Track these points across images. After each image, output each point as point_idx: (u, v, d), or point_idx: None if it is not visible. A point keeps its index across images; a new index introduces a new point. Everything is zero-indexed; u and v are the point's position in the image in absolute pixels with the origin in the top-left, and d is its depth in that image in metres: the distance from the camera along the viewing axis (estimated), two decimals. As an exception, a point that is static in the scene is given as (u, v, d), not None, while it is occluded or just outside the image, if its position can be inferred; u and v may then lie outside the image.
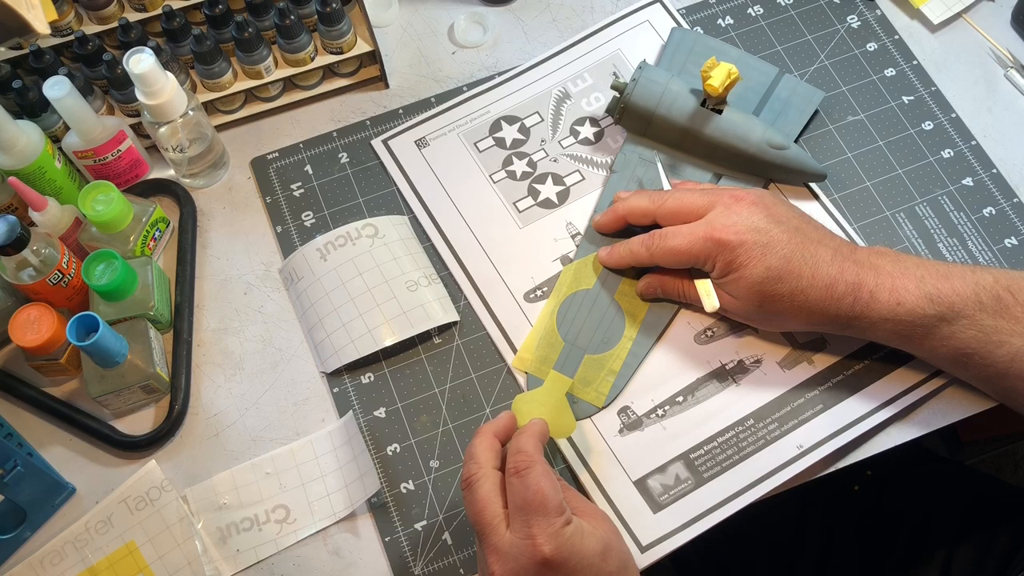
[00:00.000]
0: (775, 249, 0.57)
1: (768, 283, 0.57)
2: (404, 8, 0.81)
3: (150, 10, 0.70)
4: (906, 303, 0.56)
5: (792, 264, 0.57)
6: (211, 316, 0.69)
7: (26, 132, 0.64)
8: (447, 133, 0.74)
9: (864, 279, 0.57)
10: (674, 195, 0.62)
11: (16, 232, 0.59)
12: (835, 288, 0.57)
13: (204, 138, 0.69)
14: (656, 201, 0.62)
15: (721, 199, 0.59)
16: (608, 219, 0.66)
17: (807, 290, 0.57)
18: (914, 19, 0.78)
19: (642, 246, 0.62)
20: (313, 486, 0.63)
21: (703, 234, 0.58)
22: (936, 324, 0.56)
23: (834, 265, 0.57)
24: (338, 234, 0.69)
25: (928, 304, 0.56)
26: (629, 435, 0.63)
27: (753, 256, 0.57)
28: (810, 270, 0.57)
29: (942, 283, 0.56)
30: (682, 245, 0.59)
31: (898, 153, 0.72)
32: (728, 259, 0.58)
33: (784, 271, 0.57)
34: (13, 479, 0.59)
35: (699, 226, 0.59)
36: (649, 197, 0.63)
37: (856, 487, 0.79)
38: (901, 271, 0.57)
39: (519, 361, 0.66)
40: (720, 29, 0.78)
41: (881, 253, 0.58)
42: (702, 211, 0.60)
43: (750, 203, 0.59)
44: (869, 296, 0.56)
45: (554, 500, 0.50)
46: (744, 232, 0.57)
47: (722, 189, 0.62)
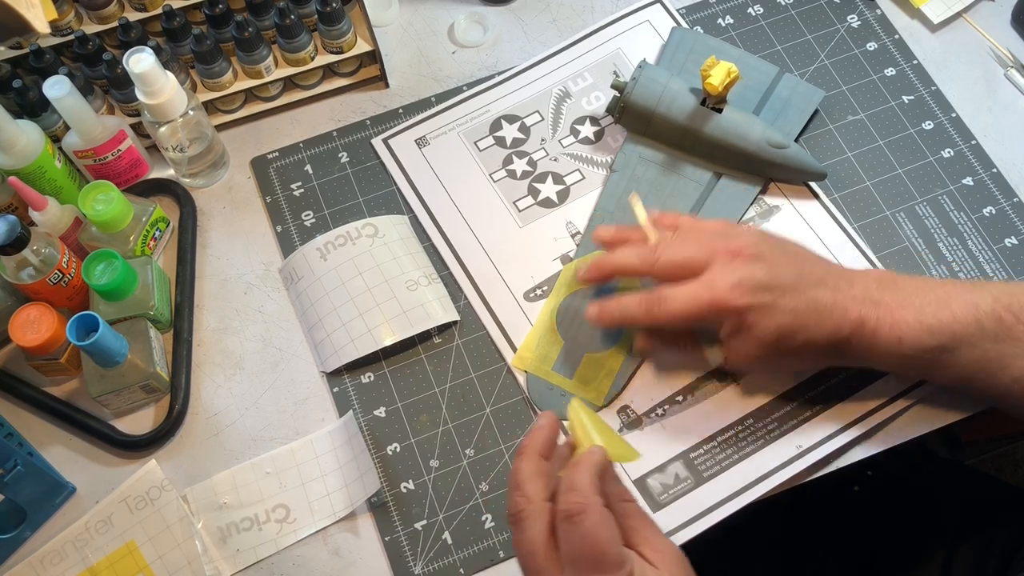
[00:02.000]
0: (782, 307, 0.55)
1: (781, 341, 0.55)
2: (404, 8, 0.81)
3: (150, 10, 0.70)
4: (907, 338, 0.54)
5: (799, 318, 0.55)
6: (211, 316, 0.69)
7: (26, 132, 0.64)
8: (447, 132, 0.74)
9: (865, 316, 0.55)
10: (667, 251, 0.58)
11: (16, 232, 0.59)
12: (840, 331, 0.55)
13: (204, 138, 0.69)
14: (648, 260, 0.58)
15: (718, 254, 0.56)
16: (594, 275, 0.61)
17: (816, 339, 0.55)
18: (914, 19, 0.78)
19: (639, 308, 0.58)
20: (313, 486, 0.63)
21: (708, 300, 0.55)
22: (939, 355, 0.55)
23: (836, 308, 0.55)
24: (338, 234, 0.69)
25: (928, 336, 0.54)
26: (629, 434, 0.63)
27: (762, 318, 0.55)
28: (816, 318, 0.55)
29: (942, 312, 0.54)
30: (686, 311, 0.56)
31: (898, 153, 0.72)
32: (736, 323, 0.56)
33: (794, 326, 0.55)
34: (13, 479, 0.59)
35: (701, 289, 0.55)
36: (639, 254, 0.59)
37: (856, 488, 0.79)
38: (900, 302, 0.55)
39: (519, 360, 0.66)
40: (720, 29, 0.78)
41: (880, 281, 0.57)
42: (699, 267, 0.56)
43: (749, 257, 0.56)
44: (872, 334, 0.55)
45: (612, 552, 0.45)
46: (749, 293, 0.55)
47: (715, 237, 0.58)
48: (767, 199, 0.70)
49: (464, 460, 0.63)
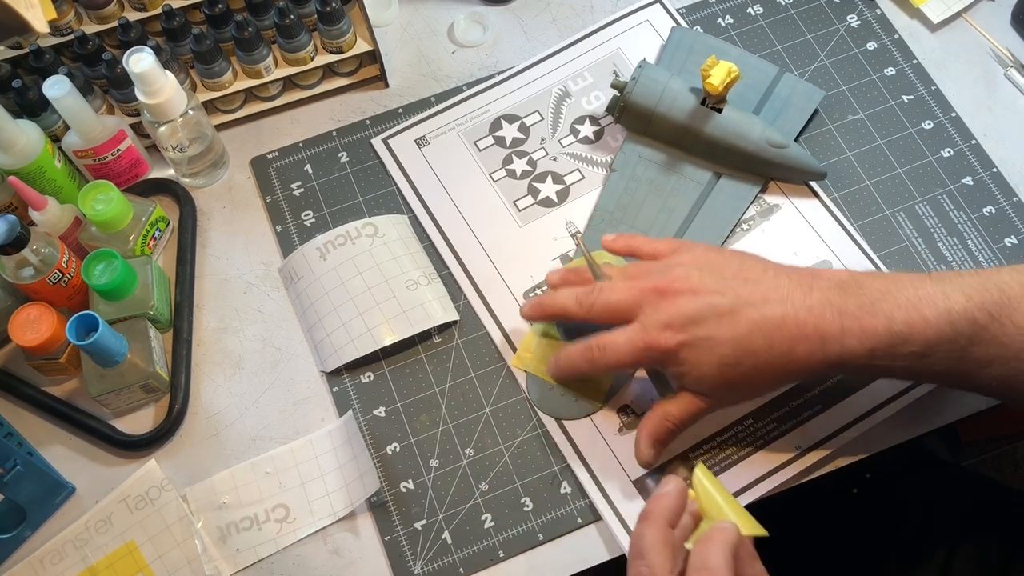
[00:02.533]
0: (719, 337, 0.52)
1: (726, 371, 0.53)
2: (404, 7, 0.81)
3: (150, 9, 0.70)
4: (879, 349, 0.51)
5: (743, 344, 0.52)
6: (211, 315, 0.69)
7: (26, 131, 0.64)
8: (447, 132, 0.74)
9: (828, 329, 0.51)
10: (600, 296, 0.56)
11: (16, 231, 0.59)
12: (796, 349, 0.52)
13: (204, 137, 0.69)
14: (584, 305, 0.57)
15: (646, 296, 0.55)
16: (536, 313, 0.61)
17: (769, 361, 0.52)
18: (914, 18, 0.78)
19: (583, 359, 0.57)
20: (313, 485, 0.63)
21: (642, 344, 0.54)
22: (913, 362, 0.52)
23: (787, 324, 0.52)
24: (338, 233, 0.69)
25: (901, 345, 0.51)
26: (629, 434, 0.63)
27: (700, 353, 0.53)
28: (764, 341, 0.52)
29: (913, 316, 0.51)
30: (625, 359, 0.55)
31: (898, 152, 0.72)
32: (676, 363, 0.54)
33: (737, 354, 0.52)
34: (13, 478, 0.59)
35: (635, 333, 0.54)
36: (576, 298, 0.58)
37: (855, 490, 0.79)
38: (867, 309, 0.51)
39: (518, 360, 0.66)
40: (720, 28, 0.78)
41: (841, 285, 0.53)
42: (631, 313, 0.55)
43: (677, 292, 0.54)
44: (839, 347, 0.51)
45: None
46: (682, 330, 0.53)
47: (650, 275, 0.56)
48: (767, 198, 0.70)
49: (464, 460, 0.63)
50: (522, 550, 0.61)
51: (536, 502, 0.62)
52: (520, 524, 0.61)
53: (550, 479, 0.62)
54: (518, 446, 0.63)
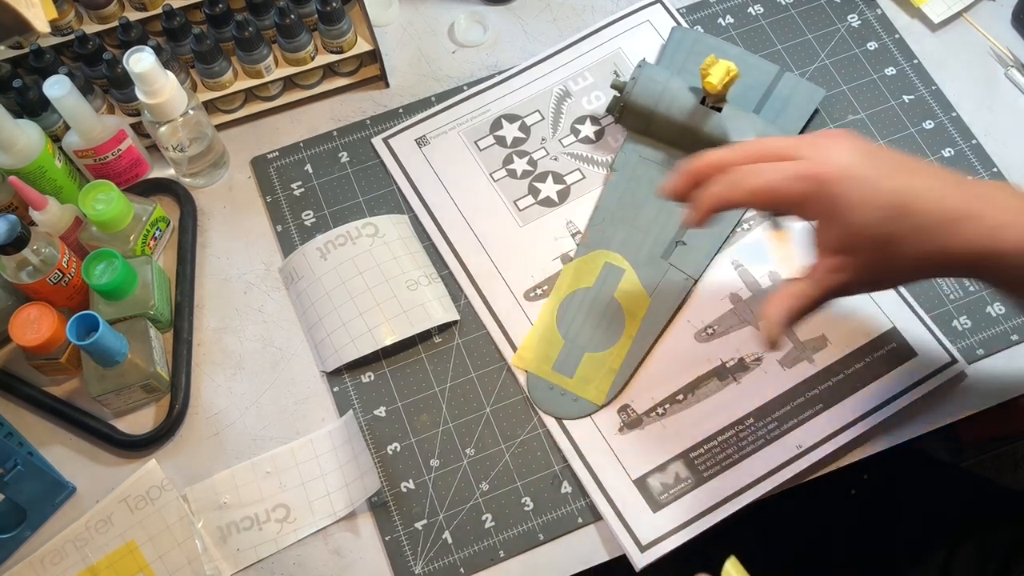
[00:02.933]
0: (885, 183, 0.47)
1: (885, 224, 0.47)
2: (404, 7, 0.80)
3: (150, 9, 0.70)
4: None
5: (907, 197, 0.47)
6: (211, 315, 0.69)
7: (26, 131, 0.64)
8: (447, 131, 0.74)
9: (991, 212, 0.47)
10: (755, 140, 0.52)
11: (16, 231, 0.59)
12: (957, 224, 0.47)
13: (204, 137, 0.69)
14: (736, 148, 0.52)
15: (808, 138, 0.51)
16: (680, 181, 0.54)
17: (932, 228, 0.47)
18: (914, 18, 0.78)
19: (726, 183, 0.51)
20: (313, 485, 0.63)
21: (796, 170, 0.48)
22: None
23: (950, 196, 0.47)
24: (338, 233, 0.69)
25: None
26: (629, 433, 0.63)
27: (863, 192, 0.47)
28: (923, 204, 0.47)
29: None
30: (772, 182, 0.49)
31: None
32: (830, 197, 0.48)
33: (901, 208, 0.47)
34: (13, 478, 0.59)
35: (790, 164, 0.49)
36: (731, 151, 0.52)
37: (853, 491, 0.79)
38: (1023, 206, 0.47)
39: (519, 360, 0.66)
40: (720, 28, 0.78)
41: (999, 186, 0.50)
42: (789, 152, 0.50)
43: (844, 137, 0.50)
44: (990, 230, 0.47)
45: None
46: (846, 166, 0.48)
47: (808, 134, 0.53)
48: (767, 199, 0.70)
49: (464, 460, 0.63)
50: (522, 550, 0.61)
51: (537, 502, 0.62)
52: (521, 524, 0.61)
53: (550, 479, 0.62)
54: (518, 446, 0.63)
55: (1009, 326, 0.66)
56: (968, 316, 0.66)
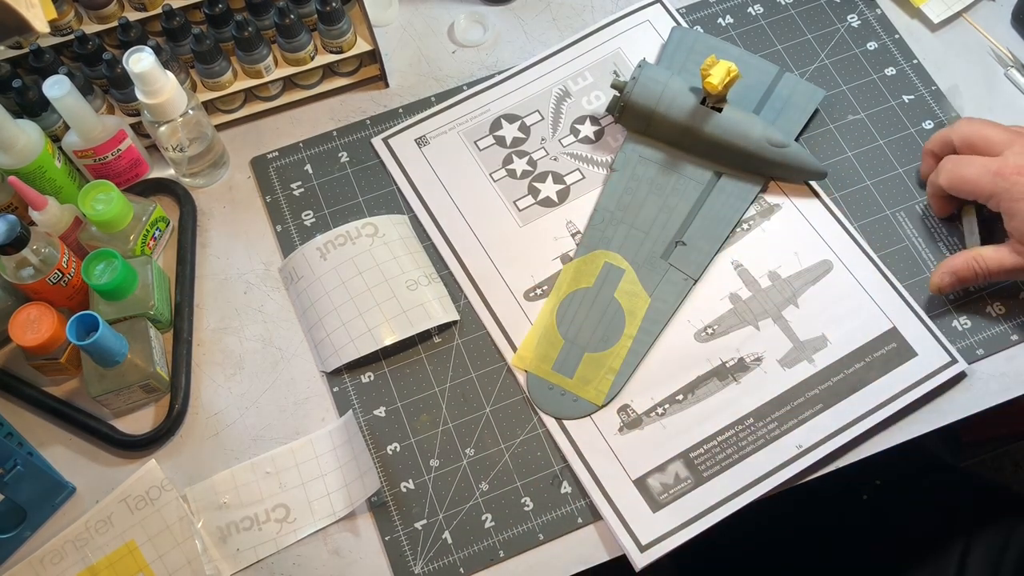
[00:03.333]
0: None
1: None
2: (404, 7, 0.80)
3: (150, 9, 0.70)
4: None
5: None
6: (211, 315, 0.69)
7: (26, 131, 0.64)
8: (447, 131, 0.74)
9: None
10: (973, 123, 0.62)
11: (16, 231, 0.59)
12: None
13: (204, 137, 0.69)
14: (955, 126, 0.62)
15: (1021, 139, 0.59)
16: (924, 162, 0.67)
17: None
18: (914, 18, 0.78)
19: (941, 167, 0.62)
20: (313, 485, 0.63)
21: (994, 169, 0.58)
22: None
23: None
24: (338, 233, 0.69)
25: None
26: (629, 433, 0.63)
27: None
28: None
29: None
30: (970, 175, 0.59)
31: (898, 152, 0.72)
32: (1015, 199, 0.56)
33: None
34: (13, 478, 0.59)
35: (993, 161, 0.58)
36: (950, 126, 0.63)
37: (865, 496, 0.79)
38: None
39: (519, 360, 0.65)
40: (720, 28, 0.78)
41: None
42: (999, 147, 0.59)
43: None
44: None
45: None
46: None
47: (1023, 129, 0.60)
48: (768, 198, 0.70)
49: (464, 460, 0.63)
50: (522, 550, 0.61)
51: (536, 502, 0.62)
52: (520, 524, 0.61)
53: (550, 479, 0.62)
54: (518, 446, 0.63)
55: (1009, 326, 0.66)
56: (968, 316, 0.66)
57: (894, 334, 0.65)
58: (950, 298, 0.67)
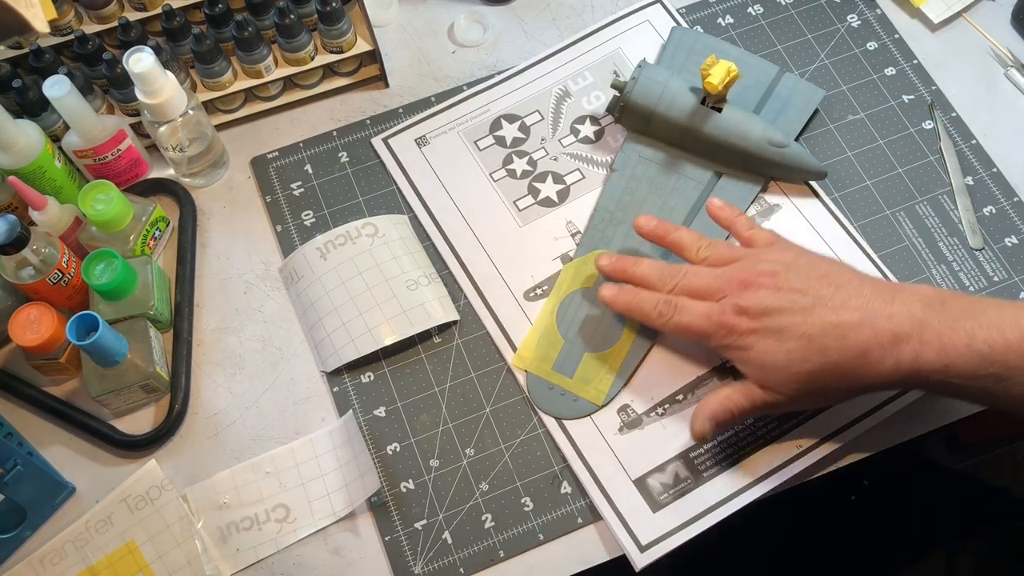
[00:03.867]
0: (792, 331, 0.54)
1: (794, 366, 0.54)
2: (404, 7, 0.80)
3: (150, 9, 0.70)
4: (956, 366, 0.51)
5: (814, 341, 0.53)
6: (211, 315, 0.69)
7: (26, 131, 0.64)
8: (447, 131, 0.74)
9: (905, 339, 0.52)
10: (684, 280, 0.59)
11: (16, 231, 0.59)
12: (869, 354, 0.52)
13: (204, 137, 0.69)
14: (668, 284, 0.60)
15: (730, 284, 0.57)
16: (612, 272, 0.63)
17: (840, 363, 0.53)
18: (914, 18, 0.78)
19: (652, 309, 0.59)
20: (313, 485, 0.63)
21: (716, 319, 0.56)
22: (991, 384, 0.51)
23: (864, 329, 0.52)
24: (338, 233, 0.69)
25: (981, 365, 0.51)
26: (629, 433, 0.63)
27: (769, 343, 0.54)
28: (836, 342, 0.53)
29: (994, 336, 0.51)
30: (694, 326, 0.57)
31: (898, 152, 0.72)
32: (742, 347, 0.55)
33: (807, 351, 0.53)
34: (13, 478, 0.59)
35: (712, 308, 0.57)
36: (660, 276, 0.60)
37: (853, 496, 0.79)
38: (949, 326, 0.51)
39: (519, 360, 0.65)
40: (720, 28, 0.78)
41: (926, 300, 0.53)
42: (714, 298, 0.57)
43: (759, 286, 0.56)
44: (913, 357, 0.52)
45: None
46: (756, 318, 0.55)
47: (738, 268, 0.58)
48: (768, 198, 0.70)
49: (464, 460, 0.63)
50: (522, 550, 0.61)
51: (536, 502, 0.62)
52: (520, 524, 0.61)
53: (550, 479, 0.62)
54: (518, 446, 0.63)
55: (1009, 326, 0.66)
56: (968, 316, 0.66)
57: (894, 334, 0.65)
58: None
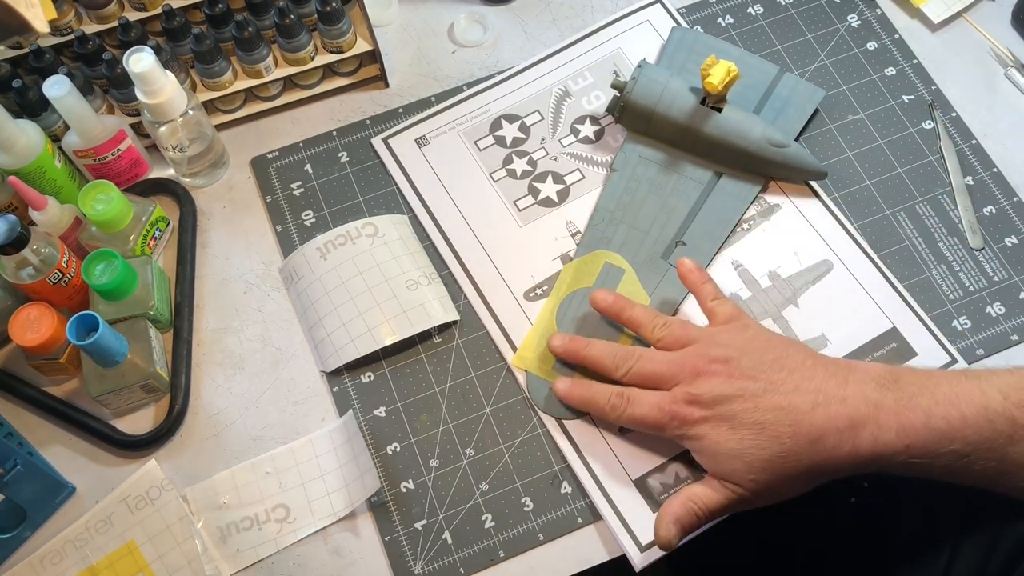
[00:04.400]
0: (744, 419, 0.53)
1: (748, 455, 0.53)
2: (404, 7, 0.80)
3: (150, 9, 0.70)
4: (916, 445, 0.51)
5: (767, 428, 0.53)
6: (211, 315, 0.69)
7: (26, 131, 0.64)
8: (447, 131, 0.74)
9: (861, 421, 0.52)
10: (637, 364, 0.59)
11: (16, 231, 0.59)
12: (825, 440, 0.52)
13: (204, 137, 0.69)
14: (620, 367, 0.59)
15: (684, 372, 0.56)
16: (564, 354, 0.63)
17: (795, 450, 0.52)
18: (914, 18, 0.78)
19: (606, 402, 0.59)
20: (313, 485, 0.63)
21: (668, 411, 0.56)
22: (952, 460, 0.51)
23: (817, 414, 0.52)
24: (338, 233, 0.69)
25: (941, 442, 0.50)
26: (629, 433, 0.63)
27: (722, 432, 0.54)
28: (789, 428, 0.52)
29: (951, 413, 0.51)
30: (647, 418, 0.57)
31: (898, 152, 0.72)
32: (696, 436, 0.55)
33: (760, 439, 0.53)
34: (13, 478, 0.59)
35: (664, 399, 0.56)
36: (614, 359, 0.60)
37: (853, 499, 0.79)
38: (905, 404, 0.51)
39: (519, 360, 0.65)
40: (720, 28, 0.78)
41: (879, 380, 0.53)
42: (664, 384, 0.57)
43: (711, 374, 0.55)
44: (872, 440, 0.51)
45: None
46: (707, 407, 0.54)
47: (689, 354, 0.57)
48: (768, 198, 0.70)
49: (464, 460, 0.63)
50: (522, 550, 0.61)
51: (536, 502, 0.62)
52: (520, 524, 0.61)
53: (550, 479, 0.62)
54: (518, 446, 0.63)
55: (1009, 326, 0.66)
56: (968, 316, 0.66)
57: (894, 334, 0.65)
58: (950, 298, 0.67)
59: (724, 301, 0.61)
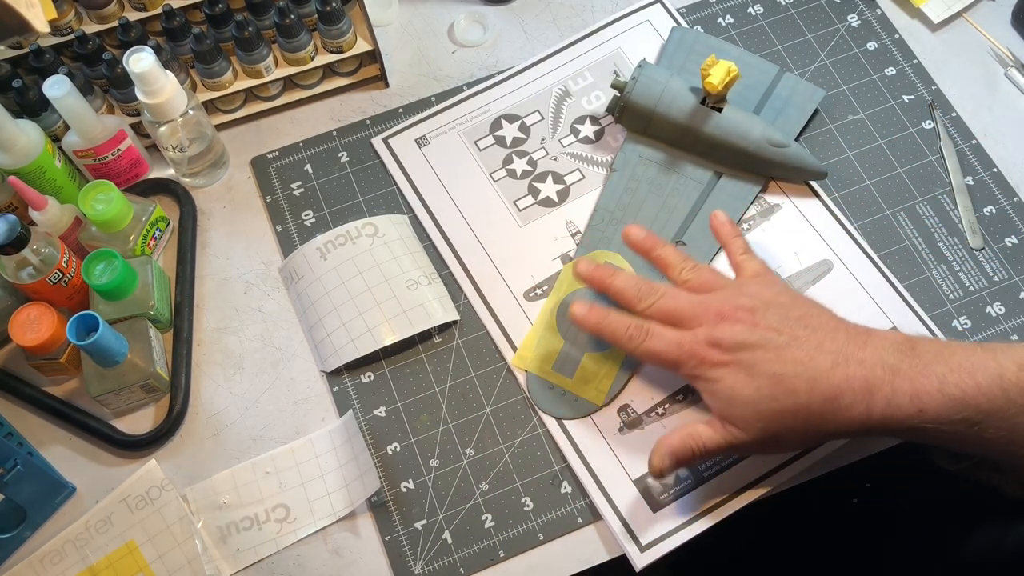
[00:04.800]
0: (763, 369, 0.53)
1: (762, 404, 0.53)
2: (404, 7, 0.81)
3: (150, 9, 0.70)
4: (929, 410, 0.51)
5: (784, 381, 0.52)
6: (211, 315, 0.69)
7: (26, 131, 0.64)
8: (447, 131, 0.74)
9: (877, 384, 0.51)
10: (661, 300, 0.58)
11: (16, 231, 0.59)
12: (840, 399, 0.52)
13: (204, 137, 0.69)
14: (644, 302, 0.58)
15: (707, 313, 0.56)
16: (590, 281, 0.61)
17: (809, 405, 0.52)
18: (914, 18, 0.78)
19: (623, 332, 0.58)
20: (313, 485, 0.63)
21: (687, 349, 0.55)
22: (964, 428, 0.51)
23: (836, 373, 0.52)
24: (338, 233, 0.69)
25: (953, 409, 0.50)
26: (629, 433, 0.63)
27: (739, 378, 0.54)
28: (806, 384, 0.52)
29: (966, 381, 0.50)
30: (665, 352, 0.56)
31: (898, 152, 0.72)
32: (711, 379, 0.55)
33: (777, 390, 0.53)
34: (13, 478, 0.59)
35: (684, 337, 0.56)
36: (638, 292, 0.59)
37: (855, 500, 0.79)
38: (920, 371, 0.51)
39: (519, 360, 0.65)
40: (720, 28, 0.78)
41: (897, 345, 0.53)
42: (686, 324, 0.56)
43: (735, 320, 0.55)
44: (885, 403, 0.51)
45: None
46: (728, 351, 0.54)
47: (717, 298, 0.57)
48: (768, 198, 0.70)
49: (464, 460, 0.63)
50: (522, 550, 0.61)
51: (536, 502, 0.62)
52: (520, 524, 0.61)
53: (550, 479, 0.62)
54: (518, 446, 0.63)
55: (1009, 326, 0.66)
56: (968, 316, 0.66)
57: (894, 334, 0.65)
58: (951, 298, 0.67)
59: (753, 256, 0.60)
